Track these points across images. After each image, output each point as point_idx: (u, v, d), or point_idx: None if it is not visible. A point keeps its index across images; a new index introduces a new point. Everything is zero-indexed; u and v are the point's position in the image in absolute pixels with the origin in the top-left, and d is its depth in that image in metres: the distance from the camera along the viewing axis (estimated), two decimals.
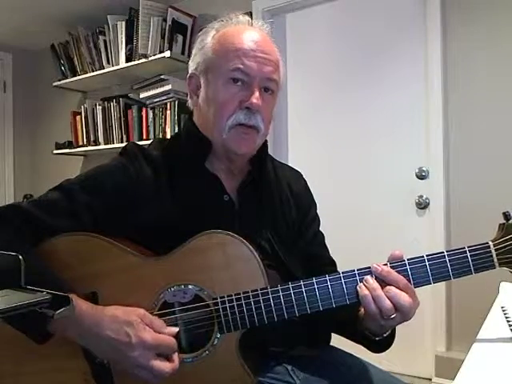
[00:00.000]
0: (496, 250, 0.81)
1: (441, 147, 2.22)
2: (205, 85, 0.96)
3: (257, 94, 0.92)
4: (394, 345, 0.91)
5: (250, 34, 0.94)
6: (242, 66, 0.91)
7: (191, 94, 1.01)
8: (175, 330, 0.81)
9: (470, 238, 0.92)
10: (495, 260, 0.81)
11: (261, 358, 0.91)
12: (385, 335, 0.88)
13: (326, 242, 1.11)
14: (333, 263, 1.09)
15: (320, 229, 1.12)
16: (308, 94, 2.67)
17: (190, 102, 1.03)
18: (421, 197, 2.33)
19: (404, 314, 0.80)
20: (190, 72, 1.00)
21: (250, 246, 0.86)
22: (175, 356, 0.79)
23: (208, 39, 0.97)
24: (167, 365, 0.77)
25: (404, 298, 0.79)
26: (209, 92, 0.95)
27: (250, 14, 2.70)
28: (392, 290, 0.80)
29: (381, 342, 0.89)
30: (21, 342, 0.78)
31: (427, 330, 2.28)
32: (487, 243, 0.82)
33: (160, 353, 0.77)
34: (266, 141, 1.01)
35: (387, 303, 0.79)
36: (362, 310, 0.87)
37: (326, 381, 0.93)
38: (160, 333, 0.78)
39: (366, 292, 0.81)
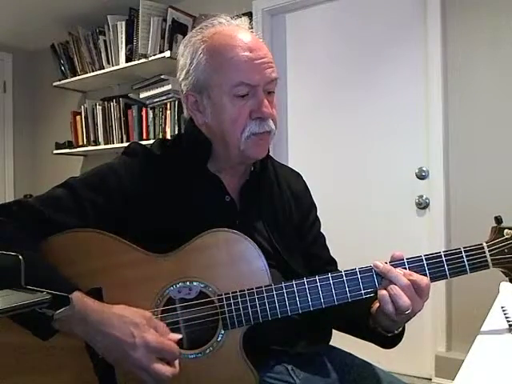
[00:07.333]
0: (490, 251, 0.85)
1: (441, 147, 2.22)
2: (209, 104, 0.94)
3: (265, 101, 0.91)
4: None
5: (240, 40, 0.92)
6: (243, 80, 0.90)
7: (193, 112, 0.98)
8: (178, 336, 0.81)
9: (469, 237, 0.93)
10: (489, 260, 0.85)
11: (261, 356, 0.91)
12: (396, 332, 0.89)
13: (326, 242, 1.12)
14: (333, 262, 1.09)
15: (321, 229, 1.12)
16: (308, 94, 2.67)
17: (187, 116, 1.00)
18: (421, 197, 2.33)
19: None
20: (184, 91, 0.97)
21: (255, 244, 0.87)
22: (176, 362, 0.79)
23: (198, 54, 0.93)
24: (168, 369, 0.78)
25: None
26: (215, 110, 0.93)
27: (250, 14, 2.70)
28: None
29: (393, 338, 0.90)
30: (23, 347, 0.80)
31: (427, 330, 2.28)
32: (481, 245, 0.86)
33: (162, 357, 0.78)
34: None
35: (405, 300, 0.80)
36: (374, 307, 0.88)
37: (326, 381, 0.94)
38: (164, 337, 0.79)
39: (384, 291, 0.82)
